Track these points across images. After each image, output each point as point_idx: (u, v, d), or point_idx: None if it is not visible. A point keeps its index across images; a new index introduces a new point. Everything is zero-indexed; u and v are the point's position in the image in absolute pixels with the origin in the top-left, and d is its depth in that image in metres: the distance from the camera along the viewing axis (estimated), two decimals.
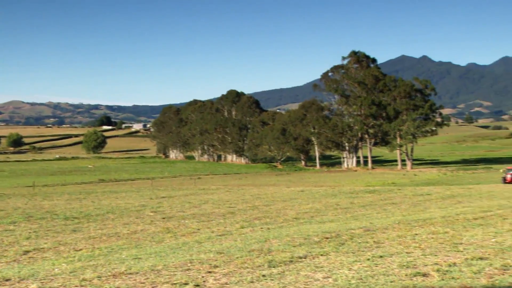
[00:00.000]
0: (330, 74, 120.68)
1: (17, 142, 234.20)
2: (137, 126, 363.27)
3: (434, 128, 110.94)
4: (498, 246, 10.76)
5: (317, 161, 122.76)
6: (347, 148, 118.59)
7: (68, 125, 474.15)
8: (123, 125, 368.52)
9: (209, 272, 8.74)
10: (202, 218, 19.58)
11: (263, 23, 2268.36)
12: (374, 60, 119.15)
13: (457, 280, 7.84)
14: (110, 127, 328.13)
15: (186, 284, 7.93)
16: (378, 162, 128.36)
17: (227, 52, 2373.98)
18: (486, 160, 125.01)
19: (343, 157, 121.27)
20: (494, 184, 48.98)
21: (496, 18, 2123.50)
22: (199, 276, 8.47)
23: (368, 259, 9.46)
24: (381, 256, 9.73)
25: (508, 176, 56.65)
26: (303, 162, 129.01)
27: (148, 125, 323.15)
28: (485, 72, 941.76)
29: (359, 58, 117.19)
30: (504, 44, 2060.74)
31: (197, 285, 7.87)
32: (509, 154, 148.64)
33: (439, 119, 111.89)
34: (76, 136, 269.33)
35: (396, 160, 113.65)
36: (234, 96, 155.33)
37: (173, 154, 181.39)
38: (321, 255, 10.04)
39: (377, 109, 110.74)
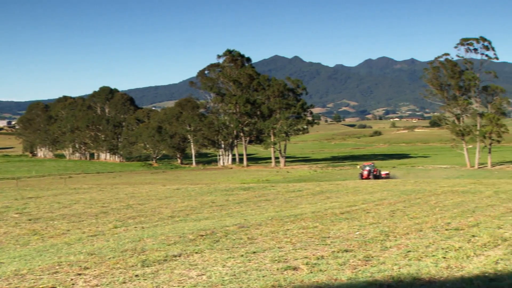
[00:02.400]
0: (206, 72, 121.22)
1: None
2: (0, 123, 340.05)
3: (305, 127, 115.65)
4: (362, 239, 11.45)
5: (193, 159, 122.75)
6: (223, 146, 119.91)
7: None
8: None
9: (79, 274, 8.44)
10: (73, 218, 18.80)
11: (137, 20, 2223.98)
12: (248, 59, 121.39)
13: (324, 272, 8.23)
14: None
15: None
16: (253, 159, 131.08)
17: (99, 48, 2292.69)
18: (352, 157, 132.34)
19: (219, 155, 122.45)
20: (360, 180, 52.03)
21: (360, 22, 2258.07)
22: (68, 278, 8.14)
23: (242, 255, 9.64)
24: (254, 252, 9.96)
25: (365, 173, 60.30)
26: (179, 160, 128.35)
27: (13, 122, 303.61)
28: (351, 73, 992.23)
29: (234, 57, 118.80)
30: (367, 48, 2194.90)
31: None
32: (372, 151, 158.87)
33: (310, 118, 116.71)
34: None
35: (270, 158, 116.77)
36: (107, 93, 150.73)
37: (42, 153, 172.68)
38: (196, 253, 10.06)
39: (251, 107, 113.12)
